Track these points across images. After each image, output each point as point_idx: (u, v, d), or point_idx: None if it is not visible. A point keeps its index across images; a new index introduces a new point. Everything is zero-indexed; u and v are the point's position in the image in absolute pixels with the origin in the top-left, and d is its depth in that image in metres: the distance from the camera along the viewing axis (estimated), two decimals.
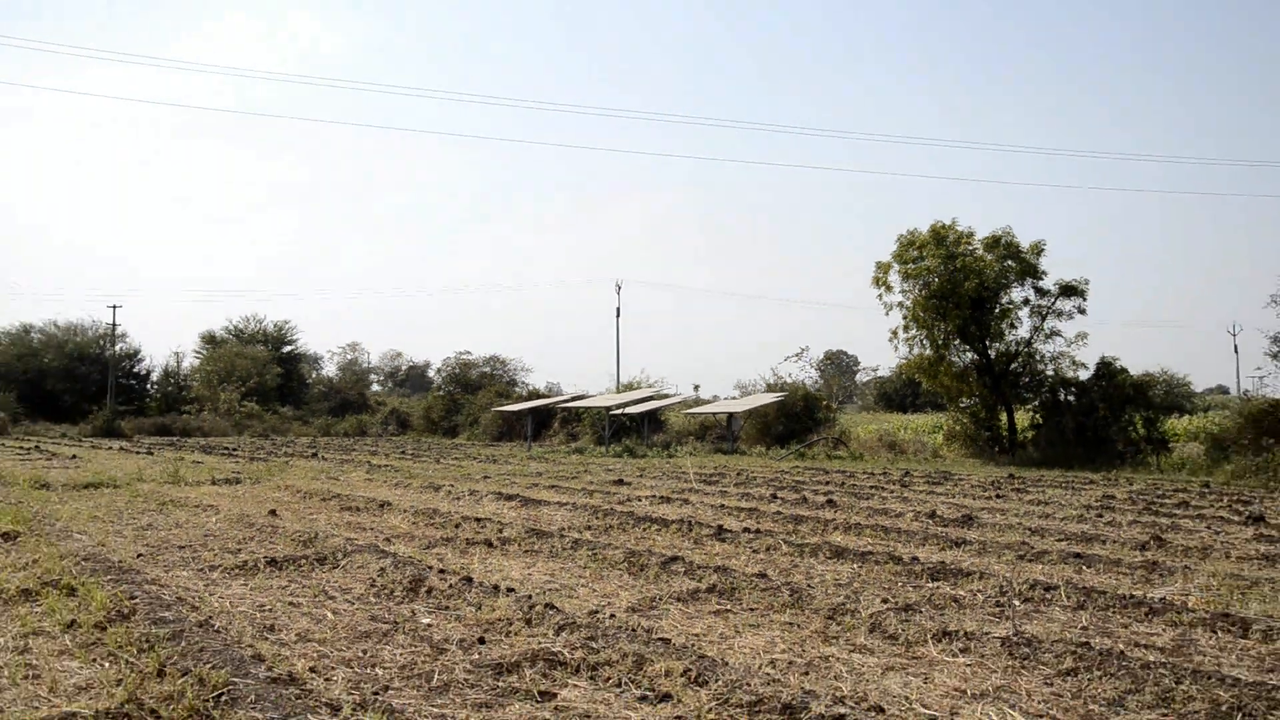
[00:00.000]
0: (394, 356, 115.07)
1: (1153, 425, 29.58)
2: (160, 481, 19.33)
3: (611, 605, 7.76)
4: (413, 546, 10.77)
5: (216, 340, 77.03)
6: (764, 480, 21.27)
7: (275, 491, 17.47)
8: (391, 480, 20.21)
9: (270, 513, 13.74)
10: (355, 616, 7.23)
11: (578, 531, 12.07)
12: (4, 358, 67.98)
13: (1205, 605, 7.91)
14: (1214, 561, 10.38)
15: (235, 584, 8.53)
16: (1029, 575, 9.16)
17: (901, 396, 76.64)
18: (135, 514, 13.77)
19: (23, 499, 15.59)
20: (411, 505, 14.82)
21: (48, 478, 19.93)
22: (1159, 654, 6.43)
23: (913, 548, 11.11)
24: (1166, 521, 13.98)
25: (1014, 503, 16.50)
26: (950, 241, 31.94)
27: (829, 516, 13.85)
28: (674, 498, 16.61)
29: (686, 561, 9.56)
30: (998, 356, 32.13)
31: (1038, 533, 12.44)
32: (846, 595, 8.15)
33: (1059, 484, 21.17)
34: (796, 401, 39.53)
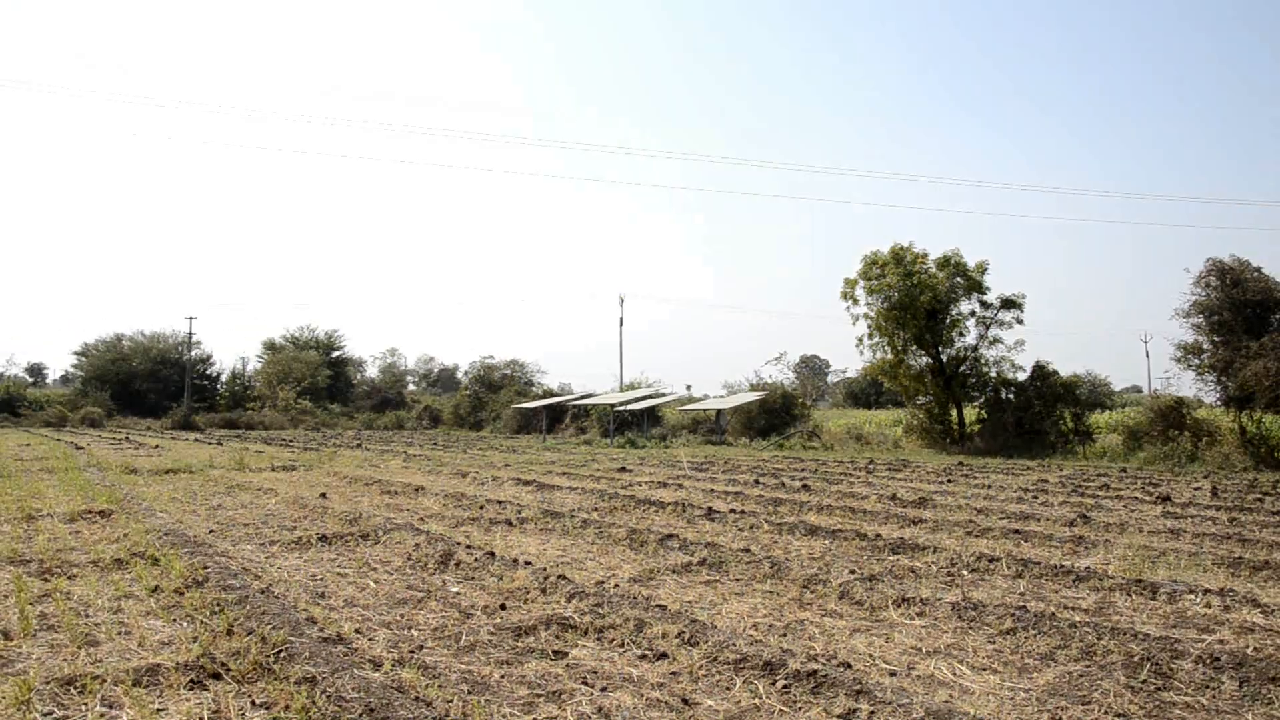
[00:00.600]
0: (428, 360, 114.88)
1: (1079, 419, 29.61)
2: (228, 468, 19.35)
3: (616, 576, 7.77)
4: (443, 525, 10.78)
5: (276, 346, 77.04)
6: (748, 468, 21.26)
7: (325, 477, 17.47)
8: (425, 468, 20.21)
9: (321, 495, 13.75)
10: (394, 585, 7.24)
11: (586, 512, 12.07)
12: (100, 362, 68.30)
13: (1122, 573, 7.93)
14: (1130, 535, 10.39)
15: (291, 557, 8.54)
16: (975, 549, 9.17)
17: (867, 395, 76.62)
18: (207, 496, 13.79)
19: (115, 482, 15.62)
20: (442, 489, 14.83)
21: (135, 464, 19.97)
22: (1084, 615, 6.45)
23: (876, 526, 11.11)
24: (1091, 502, 13.99)
25: (963, 486, 16.50)
26: (908, 261, 32.04)
27: (804, 499, 13.85)
28: (670, 483, 16.60)
29: (681, 539, 9.56)
30: (949, 360, 32.15)
31: (983, 512, 12.45)
32: (819, 567, 8.15)
33: (1001, 470, 21.16)
34: (776, 399, 39.48)
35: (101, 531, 9.89)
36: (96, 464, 20.10)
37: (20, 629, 5.71)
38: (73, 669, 4.92)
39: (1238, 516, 12.24)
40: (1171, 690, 4.89)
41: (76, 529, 10.11)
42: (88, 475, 16.99)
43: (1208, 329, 25.32)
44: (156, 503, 12.73)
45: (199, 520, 11.01)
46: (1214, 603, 6.81)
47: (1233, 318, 24.57)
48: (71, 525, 10.39)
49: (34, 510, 11.53)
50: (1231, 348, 24.38)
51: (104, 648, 5.39)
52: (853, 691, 4.62)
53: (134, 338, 72.21)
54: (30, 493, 13.74)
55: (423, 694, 4.56)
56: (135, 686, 4.66)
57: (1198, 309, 25.47)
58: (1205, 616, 6.47)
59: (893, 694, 4.57)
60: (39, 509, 11.68)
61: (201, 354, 72.66)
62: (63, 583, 7.09)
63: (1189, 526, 11.15)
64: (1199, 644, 5.57)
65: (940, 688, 4.89)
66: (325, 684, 4.57)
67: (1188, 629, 6.14)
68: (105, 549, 8.67)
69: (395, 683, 4.72)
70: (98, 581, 7.17)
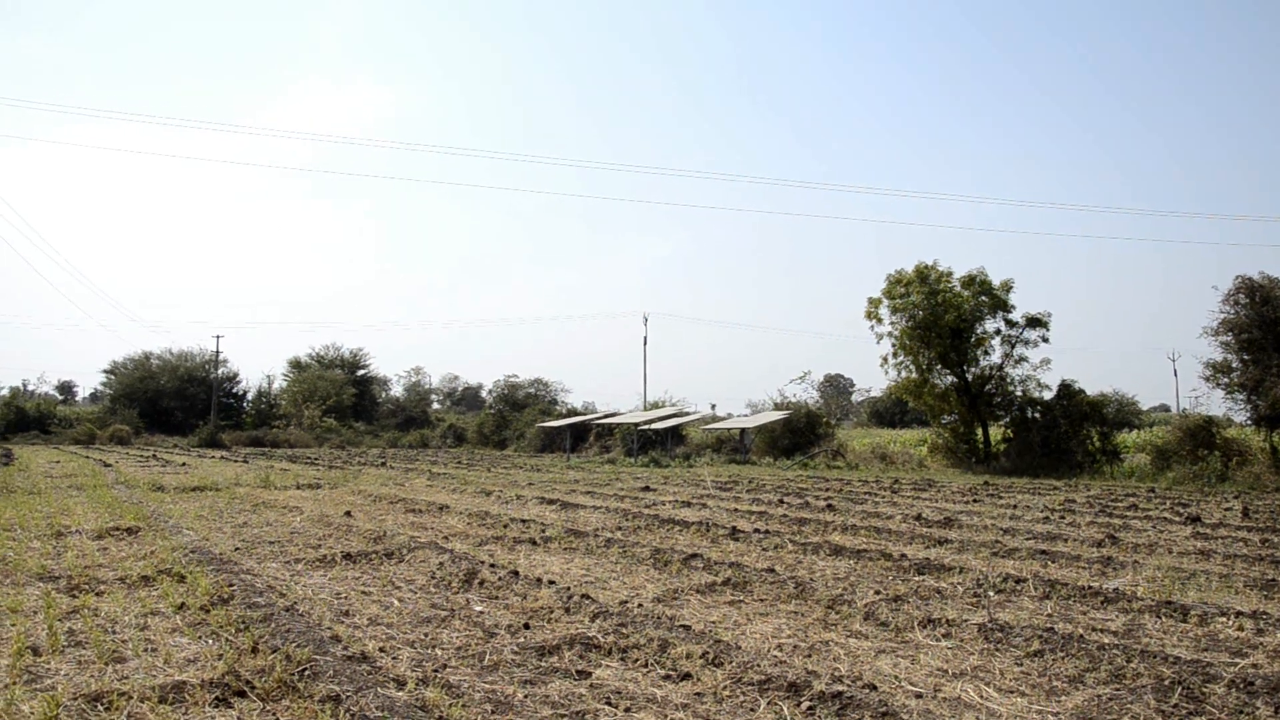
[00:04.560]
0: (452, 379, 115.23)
1: (1106, 439, 29.36)
2: (254, 486, 19.45)
3: (639, 596, 7.74)
4: (467, 544, 10.78)
5: (301, 365, 77.64)
6: (772, 487, 21.17)
7: (350, 495, 17.53)
8: (449, 486, 20.24)
9: (346, 514, 13.79)
10: (418, 604, 7.25)
11: (610, 532, 12.04)
12: (129, 380, 69.07)
13: (1151, 595, 7.83)
14: (1159, 556, 10.26)
15: (316, 575, 8.56)
16: (1002, 570, 9.08)
17: (891, 414, 76.21)
18: (233, 513, 13.86)
19: (142, 499, 15.76)
20: (466, 508, 14.84)
21: (162, 481, 20.13)
22: (1112, 637, 6.37)
23: (901, 546, 11.03)
24: (1119, 522, 13.83)
25: (989, 506, 16.36)
26: (932, 280, 31.95)
27: (829, 519, 13.77)
28: (694, 502, 16.55)
29: (705, 558, 9.52)
30: (974, 379, 31.99)
31: (1009, 532, 12.33)
32: (844, 588, 8.10)
33: (1027, 490, 20.98)
34: (800, 419, 39.38)
35: (129, 548, 9.97)
36: (124, 481, 20.27)
37: (49, 645, 5.75)
38: (100, 686, 4.94)
39: (1270, 538, 12.06)
40: (1204, 715, 4.80)
41: (104, 546, 10.19)
42: (116, 492, 17.14)
43: (1237, 347, 25.05)
44: (183, 520, 12.81)
45: (225, 538, 11.07)
46: (1247, 625, 6.71)
47: (1263, 336, 24.29)
48: (99, 542, 10.47)
49: (63, 527, 11.64)
50: (1262, 366, 24.12)
51: (130, 664, 5.42)
52: (878, 714, 4.57)
53: (162, 356, 73.09)
54: (59, 509, 13.87)
55: (446, 713, 4.56)
56: (161, 704, 4.68)
57: (1226, 327, 25.21)
58: (1238, 639, 6.37)
59: (919, 716, 4.53)
60: (68, 525, 11.79)
61: (228, 372, 73.43)
62: (90, 599, 7.13)
63: (1220, 548, 11.01)
64: (1232, 668, 5.48)
65: (967, 710, 4.83)
66: (349, 703, 4.57)
67: (1220, 652, 6.04)
68: (132, 566, 8.73)
69: (419, 702, 4.71)
70: (125, 598, 7.22)
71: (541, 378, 70.61)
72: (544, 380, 70.17)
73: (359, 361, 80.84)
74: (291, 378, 74.48)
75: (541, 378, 70.61)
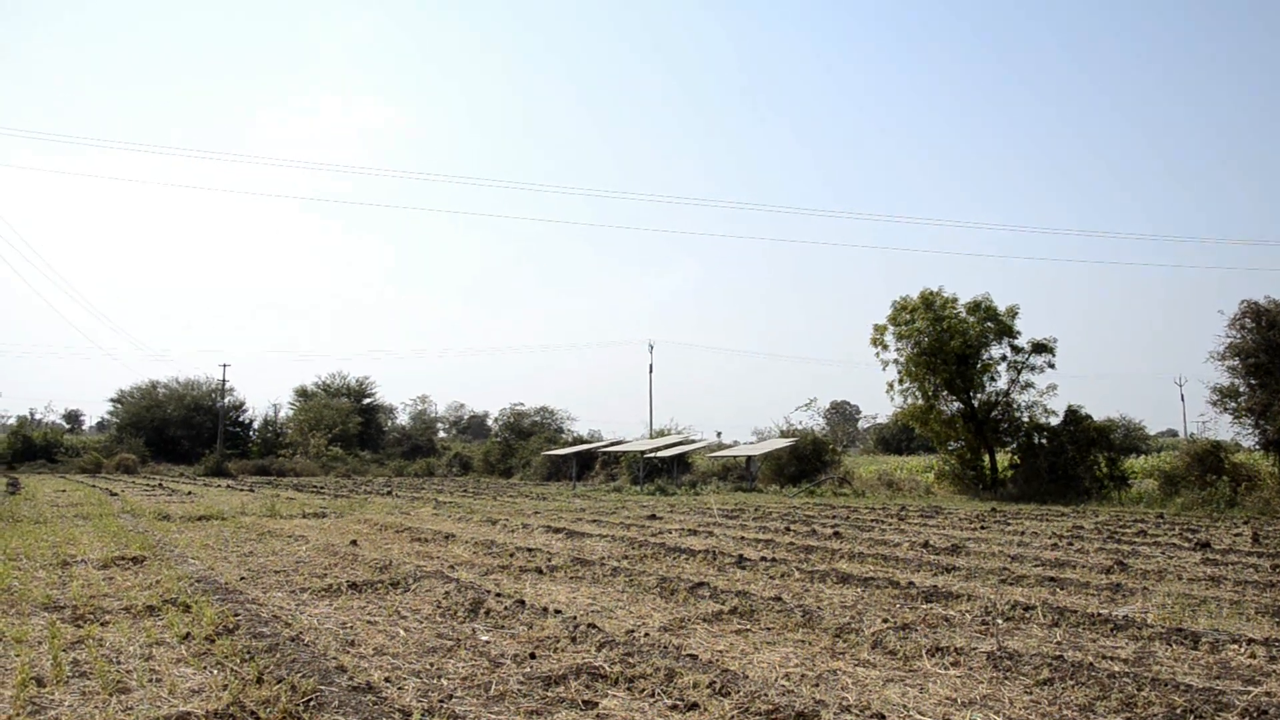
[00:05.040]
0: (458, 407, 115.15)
1: (1114, 464, 29.25)
2: (259, 515, 19.43)
3: (646, 625, 7.70)
4: (473, 573, 10.74)
5: (307, 393, 77.67)
6: (779, 515, 21.10)
7: (356, 524, 17.49)
8: (455, 515, 20.20)
9: (352, 543, 13.76)
10: (424, 634, 7.21)
11: (616, 560, 12.00)
12: (135, 409, 69.22)
13: (1162, 621, 7.77)
14: (1168, 583, 10.20)
15: (322, 604, 8.53)
16: (1010, 597, 9.03)
17: (898, 441, 76.02)
18: (239, 543, 13.83)
19: (148, 528, 15.75)
20: (472, 537, 14.80)
21: (168, 510, 20.12)
22: (1123, 665, 6.32)
23: (909, 574, 10.97)
24: (1127, 548, 13.76)
25: (996, 533, 16.28)
26: (938, 306, 32.00)
27: (836, 546, 13.71)
28: (700, 531, 16.49)
29: (711, 587, 9.48)
30: (980, 405, 31.94)
31: (1017, 559, 12.27)
32: (851, 616, 8.05)
33: (1035, 516, 20.88)
34: (806, 446, 39.28)
35: (134, 578, 9.95)
36: (130, 510, 20.26)
37: (53, 676, 5.72)
38: (104, 717, 4.92)
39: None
40: None
41: (110, 575, 10.17)
42: (121, 521, 17.12)
43: (1244, 371, 24.98)
44: (189, 549, 12.79)
45: (230, 567, 11.04)
46: (1259, 653, 6.65)
47: (1269, 360, 24.22)
48: (105, 571, 10.45)
49: (69, 556, 11.63)
50: (1269, 390, 24.04)
51: (135, 695, 5.39)
52: None
53: (169, 385, 73.25)
54: (65, 539, 13.85)
55: None
56: None
57: (1233, 351, 25.15)
58: (1250, 667, 6.32)
59: None
60: (73, 555, 11.78)
61: (234, 401, 73.52)
62: (95, 629, 7.11)
63: (1230, 574, 10.93)
64: (1244, 696, 5.43)
65: None
66: None
67: (1232, 680, 5.99)
68: (138, 595, 8.71)
69: None
70: (130, 628, 7.20)
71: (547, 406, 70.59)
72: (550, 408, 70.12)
73: (365, 390, 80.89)
74: (297, 406, 74.55)
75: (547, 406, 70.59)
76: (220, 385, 70.92)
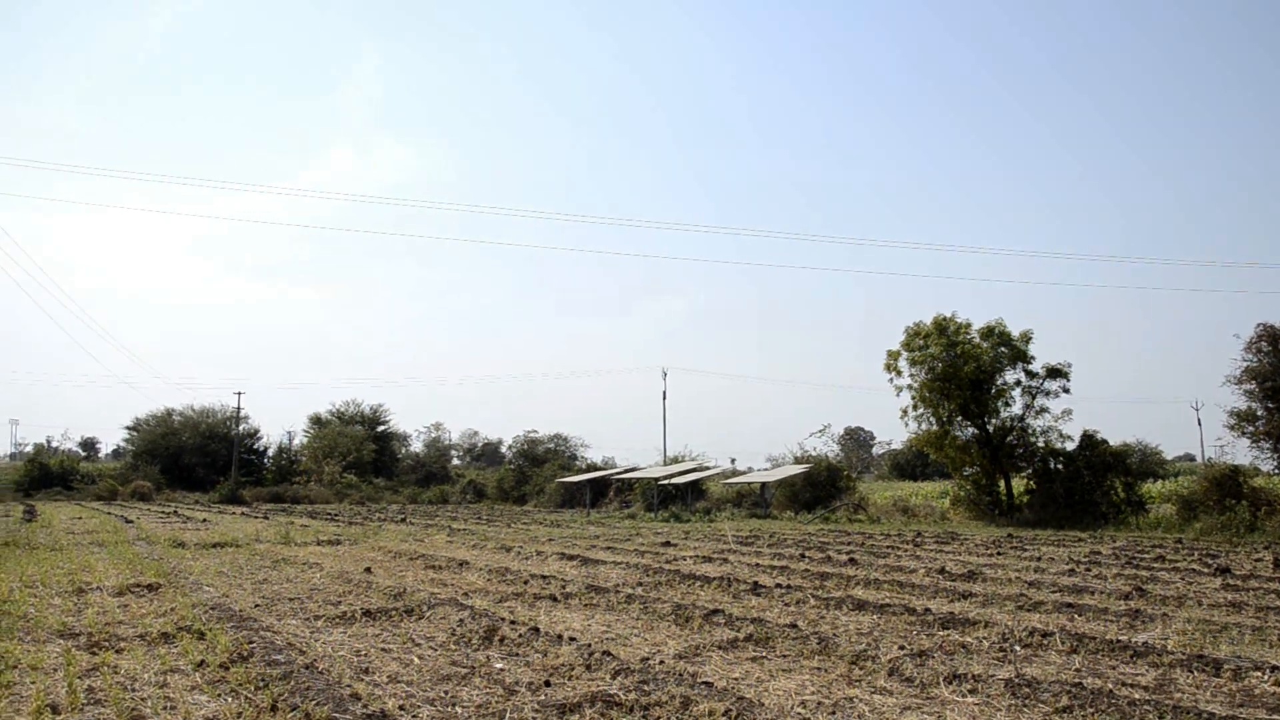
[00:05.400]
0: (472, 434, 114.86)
1: (1131, 489, 29.08)
2: (274, 542, 19.44)
3: (661, 653, 7.65)
4: (487, 600, 10.71)
5: (322, 421, 77.74)
6: (793, 542, 21.00)
7: (370, 552, 17.49)
8: (469, 542, 20.17)
9: (366, 570, 13.75)
10: (438, 661, 7.19)
11: (631, 587, 11.95)
12: (151, 437, 69.50)
13: (1182, 648, 7.68)
14: (1188, 609, 10.10)
15: (336, 631, 8.52)
16: (1028, 623, 8.95)
17: (912, 466, 75.57)
18: (253, 570, 13.84)
19: (163, 556, 15.78)
20: (486, 564, 14.77)
21: (183, 538, 20.16)
22: (1144, 692, 6.24)
23: (925, 600, 10.89)
24: (1146, 574, 13.64)
25: (1013, 559, 16.16)
26: (951, 332, 31.99)
27: (851, 573, 13.63)
28: (715, 557, 16.43)
29: (726, 614, 9.43)
30: (995, 431, 31.82)
31: (1034, 585, 12.17)
32: (868, 643, 7.99)
33: (1051, 542, 20.73)
34: (821, 472, 39.16)
35: (149, 605, 9.95)
36: (145, 538, 20.31)
37: (68, 703, 5.72)
38: None
39: None
40: None
41: (125, 602, 10.18)
42: (136, 549, 17.16)
43: (1261, 395, 24.85)
44: (203, 577, 12.80)
45: (245, 594, 11.05)
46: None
47: None
48: (120, 599, 10.46)
49: (84, 583, 11.66)
50: None
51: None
52: None
53: (184, 413, 73.49)
54: (81, 566, 13.89)
55: None
56: None
57: (1250, 375, 25.03)
58: (1274, 695, 6.23)
59: None
60: (89, 582, 11.80)
61: (249, 429, 73.67)
62: (110, 656, 7.11)
63: (1251, 599, 10.82)
64: None
65: None
66: None
67: (1255, 708, 5.91)
68: (152, 623, 8.71)
69: None
70: (145, 655, 7.19)
71: (561, 433, 70.64)
72: (563, 435, 70.19)
73: (379, 417, 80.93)
74: (312, 434, 74.67)
75: (561, 433, 70.64)
76: (235, 413, 71.14)
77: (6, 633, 8.13)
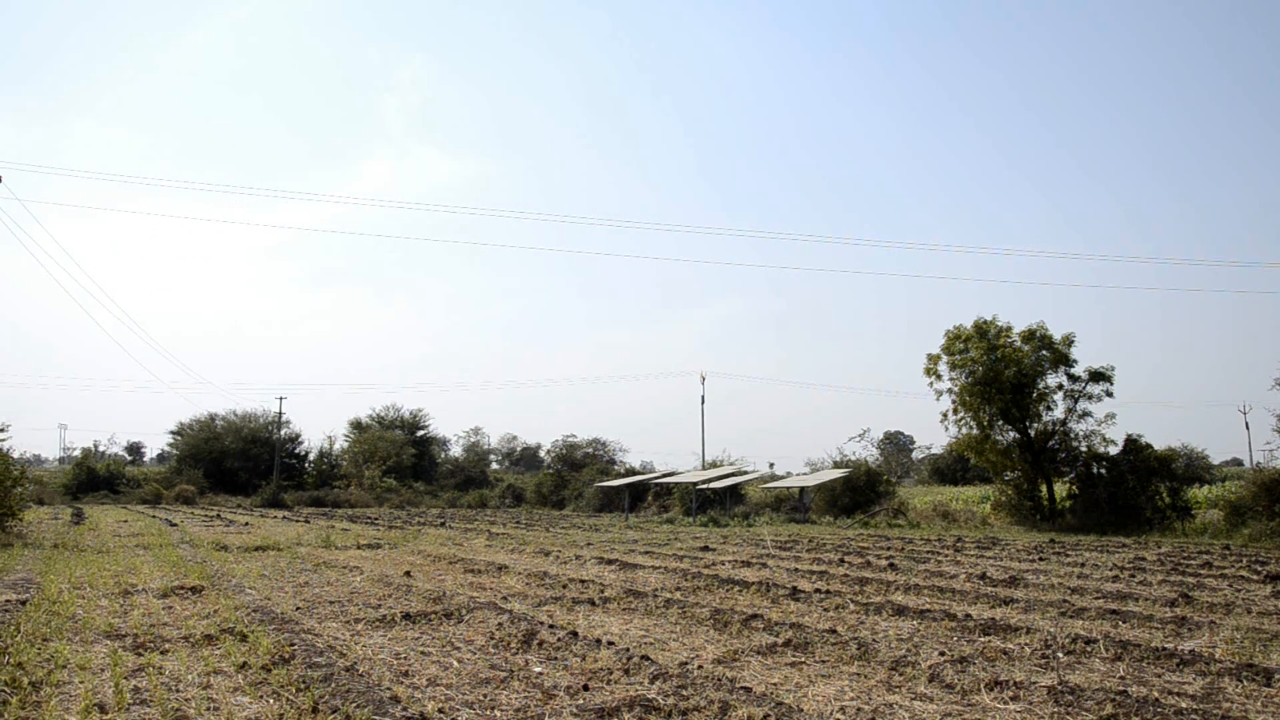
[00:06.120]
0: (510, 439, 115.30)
1: (1176, 494, 28.63)
2: (315, 546, 19.62)
3: (699, 657, 7.64)
4: (526, 604, 10.74)
5: (362, 426, 78.33)
6: (833, 547, 20.88)
7: (410, 555, 17.60)
8: (508, 546, 20.24)
9: (405, 574, 13.84)
10: (477, 665, 7.22)
11: (669, 592, 11.93)
12: (194, 441, 70.35)
13: (1231, 656, 7.55)
14: (1237, 617, 9.91)
15: (376, 635, 8.58)
16: (1070, 630, 8.83)
17: (953, 471, 74.77)
18: (294, 573, 13.98)
19: (206, 559, 15.97)
20: (525, 568, 14.82)
21: (225, 541, 20.41)
22: (1190, 701, 6.13)
23: (966, 606, 10.78)
24: (1192, 581, 13.41)
25: (1055, 565, 15.96)
26: (992, 335, 31.73)
27: (890, 578, 13.53)
28: (753, 562, 16.37)
29: (765, 619, 9.39)
30: (1036, 435, 31.49)
31: (1077, 591, 12.01)
32: (908, 648, 7.93)
33: (1095, 548, 20.45)
34: (860, 477, 38.94)
35: (193, 607, 10.09)
36: (189, 541, 20.57)
37: (115, 703, 5.81)
38: None
39: None
40: None
41: (169, 604, 10.32)
42: (180, 552, 17.39)
43: None
44: (245, 579, 12.95)
45: (286, 597, 11.16)
46: None
47: None
48: (165, 600, 10.61)
49: (130, 585, 11.83)
50: None
51: None
52: None
53: (227, 417, 74.36)
54: (127, 568, 14.10)
55: None
56: None
57: None
58: None
59: None
60: (135, 584, 11.98)
61: (291, 433, 74.34)
62: (155, 657, 7.21)
63: None
64: None
65: None
66: None
67: None
68: (196, 625, 8.83)
69: None
70: (188, 657, 7.29)
71: (599, 437, 70.63)
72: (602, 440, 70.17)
73: (418, 422, 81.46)
74: (352, 438, 75.24)
75: (599, 437, 70.63)
76: (277, 418, 71.91)
77: (56, 633, 8.28)
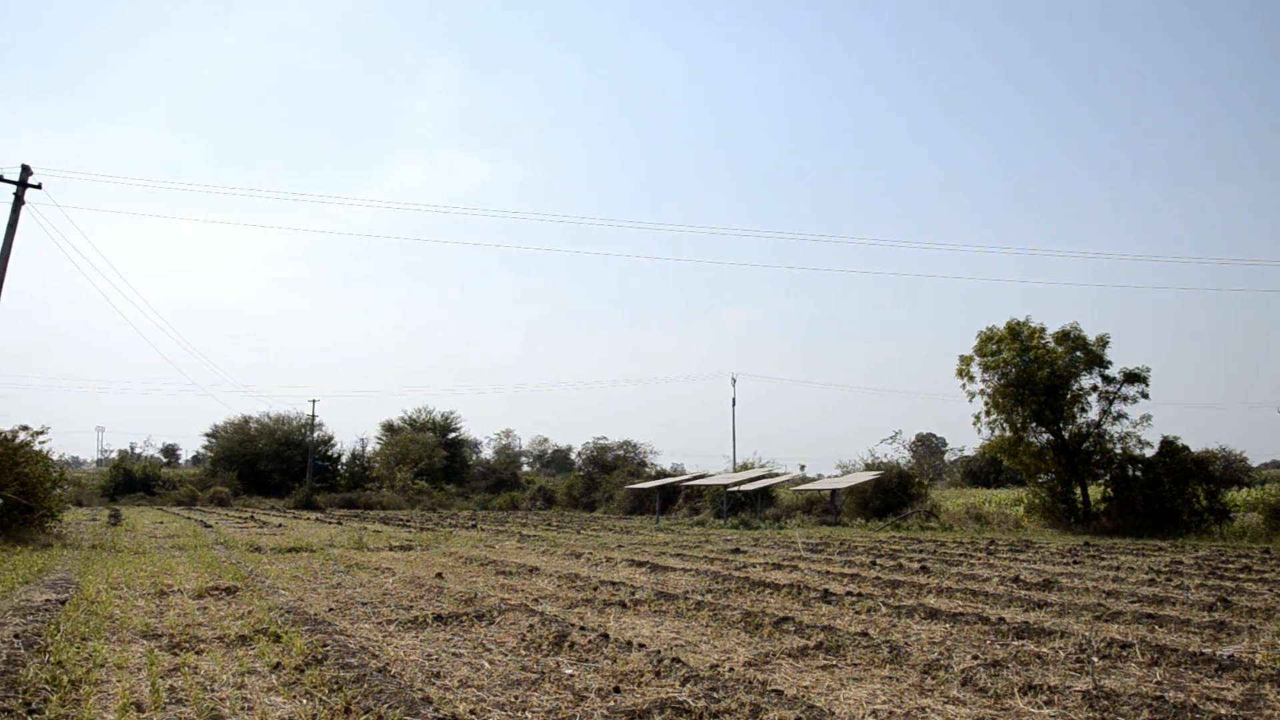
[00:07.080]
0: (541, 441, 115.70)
1: (1214, 497, 28.24)
2: (347, 547, 19.75)
3: (730, 660, 7.62)
4: (557, 606, 10.76)
5: (394, 428, 78.80)
6: (864, 549, 20.76)
7: (441, 557, 17.68)
8: (539, 548, 20.29)
9: (437, 575, 13.90)
10: (508, 666, 7.23)
11: (700, 594, 11.91)
12: (229, 444, 71.13)
13: (1272, 662, 7.42)
14: (1277, 621, 9.76)
15: (408, 636, 8.62)
16: (1106, 634, 8.74)
17: (985, 473, 74.12)
18: (327, 574, 14.07)
19: (240, 560, 16.13)
20: (556, 570, 14.84)
21: (259, 542, 20.59)
22: (1229, 708, 6.04)
23: (999, 609, 10.69)
24: (1231, 585, 13.22)
25: (1090, 568, 15.79)
26: (1025, 336, 31.44)
27: (923, 581, 13.44)
28: (784, 565, 16.31)
29: (796, 621, 9.35)
30: (1070, 437, 31.16)
31: (1112, 595, 11.87)
32: (940, 652, 7.87)
33: (1130, 551, 20.21)
34: (892, 479, 38.70)
35: (227, 608, 10.18)
36: (224, 542, 20.78)
37: (151, 702, 5.87)
38: None
39: None
40: None
41: (204, 605, 10.42)
42: (215, 553, 17.57)
43: None
44: (279, 580, 13.06)
45: (319, 598, 11.24)
46: None
47: None
48: (200, 601, 10.72)
49: (165, 586, 11.97)
50: None
51: None
52: None
53: (260, 420, 75.13)
54: (162, 569, 14.26)
55: None
56: None
57: None
58: None
59: None
60: (170, 585, 12.12)
61: (323, 436, 75.01)
62: (190, 657, 7.29)
63: None
64: None
65: None
66: None
67: None
68: (230, 625, 8.91)
69: None
70: (223, 657, 7.36)
71: (630, 440, 70.66)
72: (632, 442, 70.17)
73: (450, 424, 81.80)
74: (384, 441, 75.75)
75: (630, 440, 70.66)
76: (309, 420, 72.53)
77: (95, 633, 8.39)
